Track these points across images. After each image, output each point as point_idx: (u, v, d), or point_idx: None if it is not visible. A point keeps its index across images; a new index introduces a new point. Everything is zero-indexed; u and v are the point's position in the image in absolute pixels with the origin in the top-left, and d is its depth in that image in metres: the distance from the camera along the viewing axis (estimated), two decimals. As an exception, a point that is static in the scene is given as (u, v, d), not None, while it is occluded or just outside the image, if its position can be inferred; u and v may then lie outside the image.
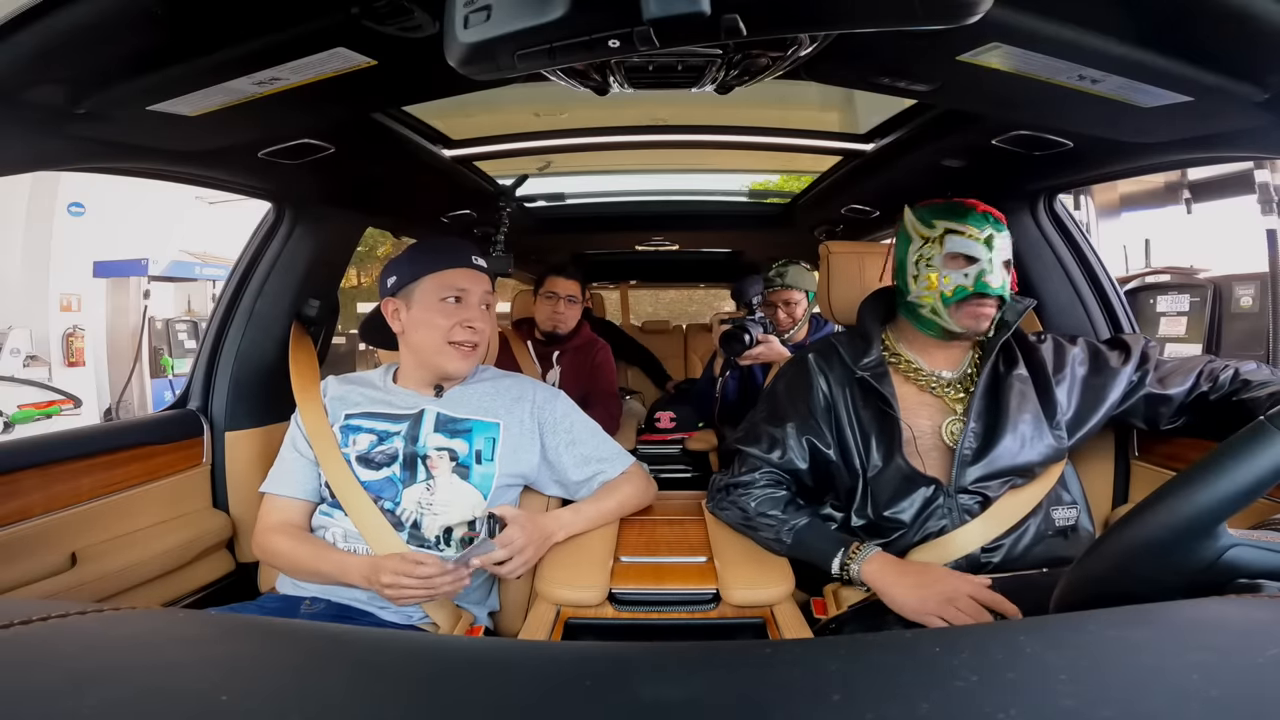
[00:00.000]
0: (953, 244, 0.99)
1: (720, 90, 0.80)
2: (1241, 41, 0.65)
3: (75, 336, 6.57)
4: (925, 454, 1.03)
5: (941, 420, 1.04)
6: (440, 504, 1.04)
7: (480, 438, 1.09)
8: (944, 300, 1.00)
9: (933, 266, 1.00)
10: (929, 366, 1.08)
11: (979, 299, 0.98)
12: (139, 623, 0.37)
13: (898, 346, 1.10)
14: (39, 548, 1.02)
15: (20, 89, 0.68)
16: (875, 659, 0.32)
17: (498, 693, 0.29)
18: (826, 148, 1.53)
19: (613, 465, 1.17)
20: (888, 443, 1.02)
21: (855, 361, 1.06)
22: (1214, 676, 0.27)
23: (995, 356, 1.04)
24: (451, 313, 1.07)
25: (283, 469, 1.11)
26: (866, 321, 1.12)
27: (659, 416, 2.52)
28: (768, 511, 1.04)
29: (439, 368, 1.10)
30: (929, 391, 1.06)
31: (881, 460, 1.02)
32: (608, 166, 1.97)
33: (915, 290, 1.02)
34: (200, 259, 6.37)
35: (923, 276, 1.01)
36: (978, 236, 0.98)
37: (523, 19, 0.49)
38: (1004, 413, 1.01)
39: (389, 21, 0.63)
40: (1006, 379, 1.03)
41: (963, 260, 0.99)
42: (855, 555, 0.96)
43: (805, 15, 0.51)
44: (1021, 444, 0.99)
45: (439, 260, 1.10)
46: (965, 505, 0.99)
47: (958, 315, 1.00)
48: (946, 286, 0.99)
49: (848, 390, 1.08)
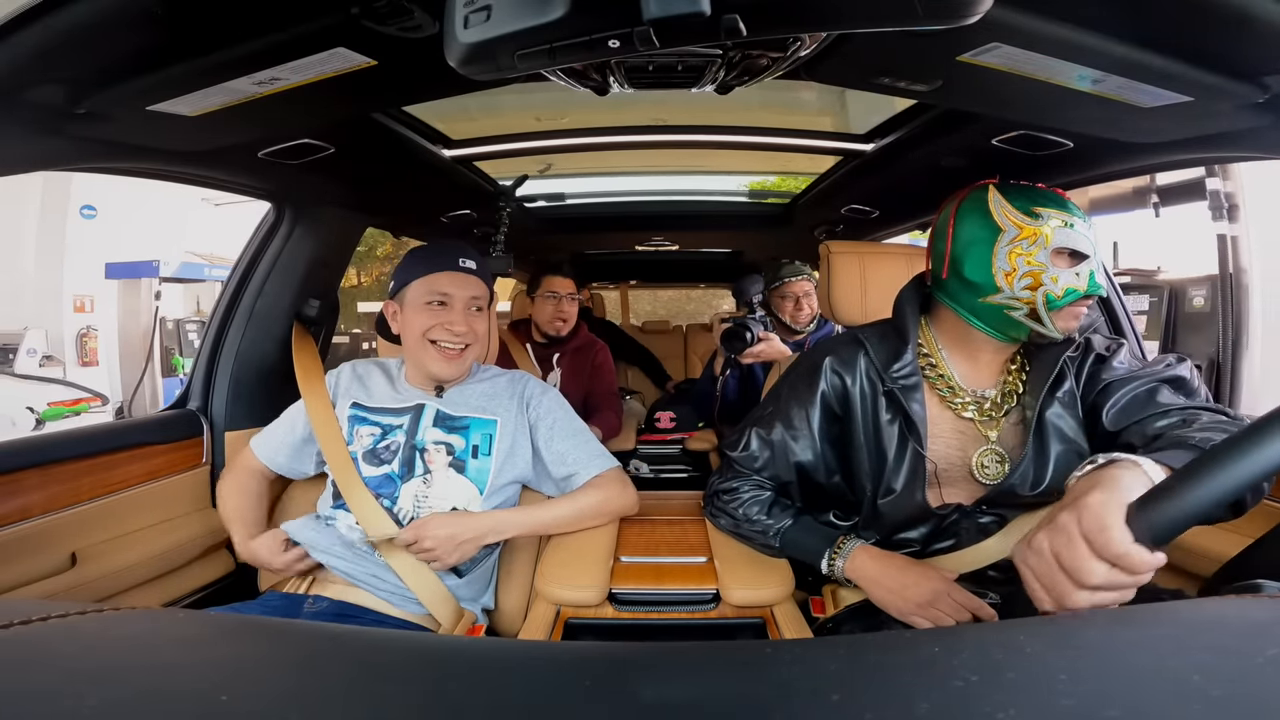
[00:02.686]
0: (1062, 237, 0.85)
1: (720, 90, 0.80)
2: (1241, 41, 0.65)
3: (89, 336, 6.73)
4: (947, 484, 0.95)
5: (972, 450, 0.94)
6: (436, 497, 1.06)
7: (477, 434, 1.11)
8: (1051, 303, 0.86)
9: (1038, 263, 0.85)
10: (967, 381, 0.96)
11: (1083, 299, 0.87)
12: (139, 623, 0.37)
13: (936, 350, 0.98)
14: (39, 548, 1.02)
15: (20, 89, 0.68)
16: (875, 659, 0.32)
17: (498, 693, 0.29)
18: (827, 148, 1.52)
19: (586, 468, 1.14)
20: (910, 475, 0.92)
21: (886, 367, 0.95)
22: (1214, 676, 0.27)
23: (1057, 373, 0.91)
24: (434, 315, 1.10)
25: (271, 436, 1.20)
26: (905, 315, 0.98)
27: (659, 416, 2.53)
28: (753, 516, 1.03)
29: (425, 369, 1.12)
30: (961, 416, 0.95)
31: (899, 489, 0.93)
32: (608, 169, 1.97)
33: (1011, 289, 0.87)
34: (207, 260, 6.49)
35: (1022, 273, 0.86)
36: (1084, 229, 0.86)
37: (523, 19, 0.49)
38: (1047, 441, 0.90)
39: (389, 21, 0.63)
40: (1050, 399, 0.91)
41: (1069, 256, 0.86)
42: (839, 552, 0.94)
43: (805, 15, 0.51)
44: (1064, 473, 0.87)
45: (426, 264, 1.13)
46: (983, 525, 0.93)
47: (1059, 318, 0.87)
48: (1056, 287, 0.85)
49: (870, 400, 0.97)
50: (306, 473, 1.20)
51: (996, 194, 0.90)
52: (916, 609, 0.86)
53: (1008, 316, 0.89)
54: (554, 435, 1.15)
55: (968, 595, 0.86)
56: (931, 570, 0.90)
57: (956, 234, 0.92)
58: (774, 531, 1.00)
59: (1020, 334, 0.91)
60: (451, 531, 1.00)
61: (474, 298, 1.13)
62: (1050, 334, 0.88)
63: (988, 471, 0.93)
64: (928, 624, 0.86)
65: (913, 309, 0.99)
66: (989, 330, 0.92)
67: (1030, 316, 0.88)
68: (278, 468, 1.19)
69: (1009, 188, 0.90)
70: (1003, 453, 0.93)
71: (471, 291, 1.13)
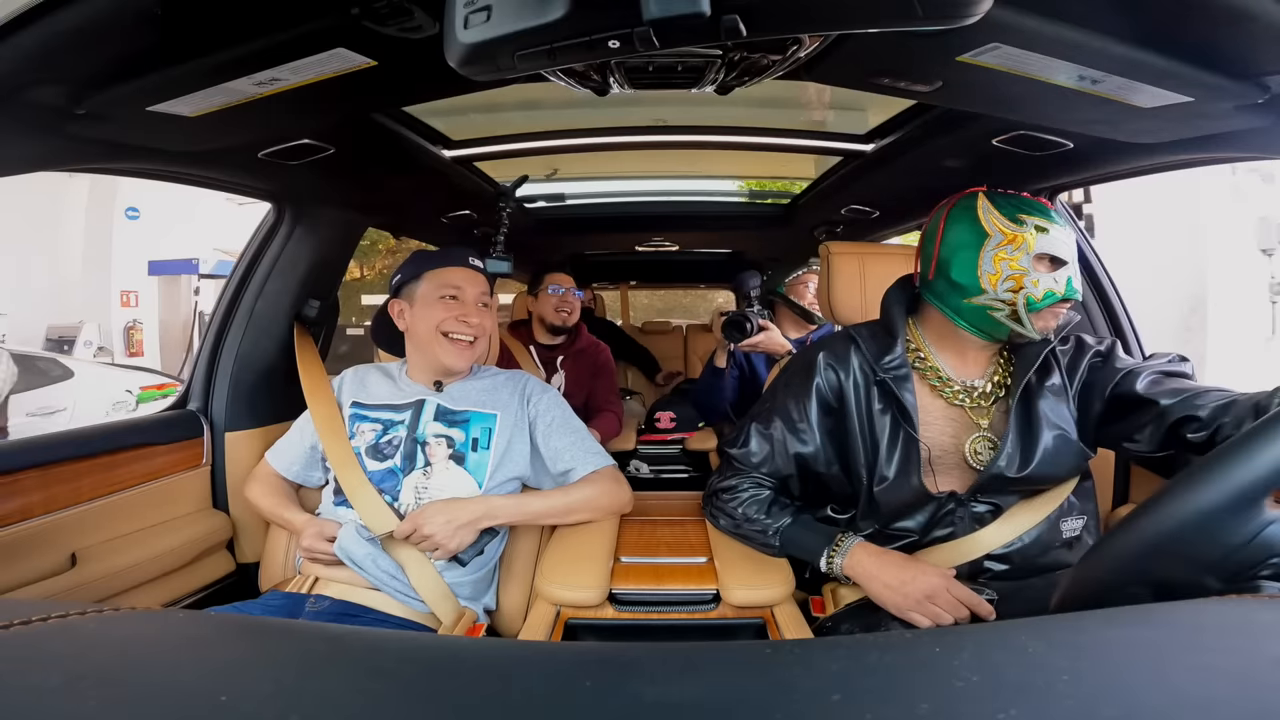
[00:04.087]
0: (1044, 243, 0.90)
1: (720, 91, 0.80)
2: (1241, 42, 0.65)
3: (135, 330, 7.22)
4: (942, 471, 0.98)
5: (965, 437, 0.97)
6: (435, 489, 1.07)
7: (477, 427, 1.13)
8: (1031, 305, 0.90)
9: (1020, 268, 0.89)
10: (956, 374, 1.00)
11: (1061, 302, 0.91)
12: (139, 623, 0.37)
13: (924, 345, 1.02)
14: (39, 548, 1.02)
15: (20, 89, 0.68)
16: (876, 659, 0.32)
17: (498, 693, 0.29)
18: (827, 148, 1.53)
19: (582, 465, 1.15)
20: (903, 460, 0.95)
21: (877, 360, 0.98)
22: (1215, 676, 0.27)
23: (1039, 365, 0.95)
24: (447, 308, 1.14)
25: (284, 445, 1.23)
26: (893, 314, 1.03)
27: (659, 416, 2.52)
28: (752, 515, 1.03)
29: (437, 360, 1.14)
30: (953, 404, 0.98)
31: (893, 475, 0.96)
32: (608, 173, 1.97)
33: (995, 291, 0.91)
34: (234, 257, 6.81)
35: (1006, 277, 0.90)
36: (1064, 237, 0.91)
37: (523, 19, 0.49)
38: (1036, 428, 0.94)
39: (389, 22, 0.63)
40: (1039, 389, 0.96)
41: (1049, 262, 0.91)
42: (837, 550, 0.95)
43: (805, 15, 0.51)
44: (1051, 460, 0.93)
45: (437, 260, 1.18)
46: (977, 514, 0.96)
47: (1038, 319, 0.91)
48: (1036, 290, 0.89)
49: (863, 392, 1.00)
50: (319, 480, 1.22)
51: (985, 201, 0.94)
52: (915, 605, 0.87)
53: (990, 317, 0.93)
54: (552, 432, 1.16)
55: (967, 591, 0.87)
56: (930, 567, 0.91)
57: (945, 238, 0.96)
58: (773, 530, 1.01)
59: (1001, 333, 0.95)
60: (447, 516, 1.02)
61: (482, 293, 1.19)
62: (1029, 334, 0.92)
63: (980, 457, 0.96)
64: (927, 621, 0.86)
65: (899, 309, 1.03)
66: (972, 329, 0.96)
67: (1011, 317, 0.92)
68: (294, 476, 1.22)
69: (997, 196, 0.94)
70: (994, 439, 0.96)
71: (480, 287, 1.18)
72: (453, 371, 1.17)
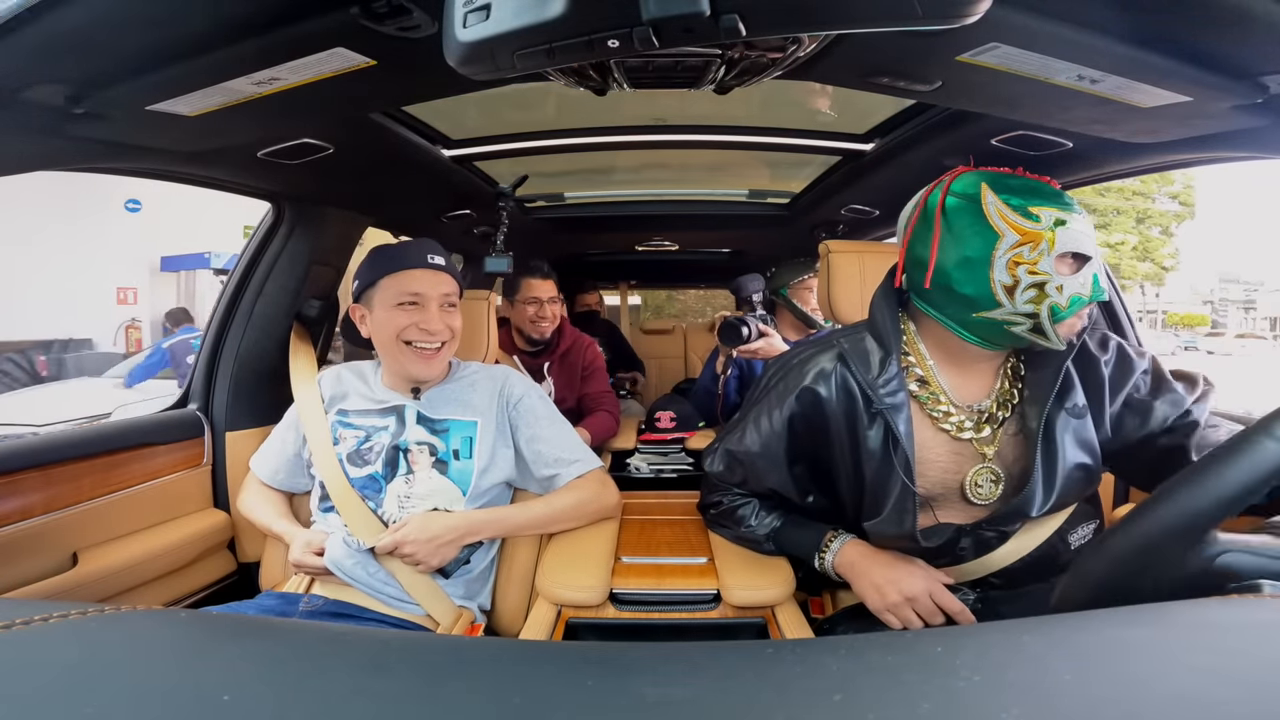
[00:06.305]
0: (1065, 239, 0.74)
1: (719, 91, 0.80)
2: (1240, 41, 0.65)
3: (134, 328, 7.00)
4: (943, 509, 0.88)
5: (966, 469, 0.85)
6: (419, 496, 1.05)
7: (457, 436, 1.10)
8: (1056, 315, 0.75)
9: (1042, 273, 0.74)
10: (959, 396, 0.87)
11: (1086, 305, 0.77)
12: (139, 623, 0.37)
13: (923, 361, 0.88)
14: (40, 548, 1.02)
15: (20, 89, 0.68)
16: (876, 659, 0.32)
17: (498, 693, 0.29)
18: (827, 148, 1.52)
19: (569, 468, 1.12)
20: (898, 503, 0.83)
21: (868, 380, 0.84)
22: (1215, 676, 0.27)
23: (1059, 385, 0.82)
24: (407, 315, 1.07)
25: (267, 453, 1.20)
26: (885, 326, 0.87)
27: (659, 416, 2.51)
28: (746, 522, 1.03)
29: (403, 371, 1.10)
30: (956, 438, 0.86)
31: (884, 514, 0.84)
32: (607, 170, 1.97)
33: (1014, 305, 0.76)
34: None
35: (1025, 286, 0.75)
36: (1084, 226, 0.75)
37: (522, 18, 0.49)
38: (1055, 459, 0.81)
39: (388, 21, 0.63)
40: (1058, 413, 0.82)
41: (1072, 260, 0.76)
42: (827, 548, 0.93)
43: (805, 15, 0.51)
44: (1072, 490, 0.82)
45: (394, 262, 1.09)
46: (983, 539, 0.87)
47: (1063, 327, 0.77)
48: (1061, 297, 0.74)
49: (849, 417, 0.87)
50: (306, 485, 1.19)
51: (991, 194, 0.78)
52: (890, 606, 0.85)
53: (1008, 331, 0.79)
54: (535, 436, 1.13)
55: (950, 599, 0.85)
56: (919, 569, 0.87)
57: (945, 240, 0.80)
58: (765, 533, 1.01)
59: (1018, 344, 0.83)
60: (430, 534, 1.00)
61: (446, 294, 1.10)
62: (1054, 345, 0.78)
63: (981, 491, 0.86)
64: (897, 624, 0.85)
65: (891, 317, 0.88)
66: (981, 343, 0.83)
67: (1033, 331, 0.78)
68: (280, 484, 1.20)
69: (1001, 184, 0.79)
70: (999, 471, 0.86)
71: (444, 288, 1.10)
72: (419, 380, 1.12)
